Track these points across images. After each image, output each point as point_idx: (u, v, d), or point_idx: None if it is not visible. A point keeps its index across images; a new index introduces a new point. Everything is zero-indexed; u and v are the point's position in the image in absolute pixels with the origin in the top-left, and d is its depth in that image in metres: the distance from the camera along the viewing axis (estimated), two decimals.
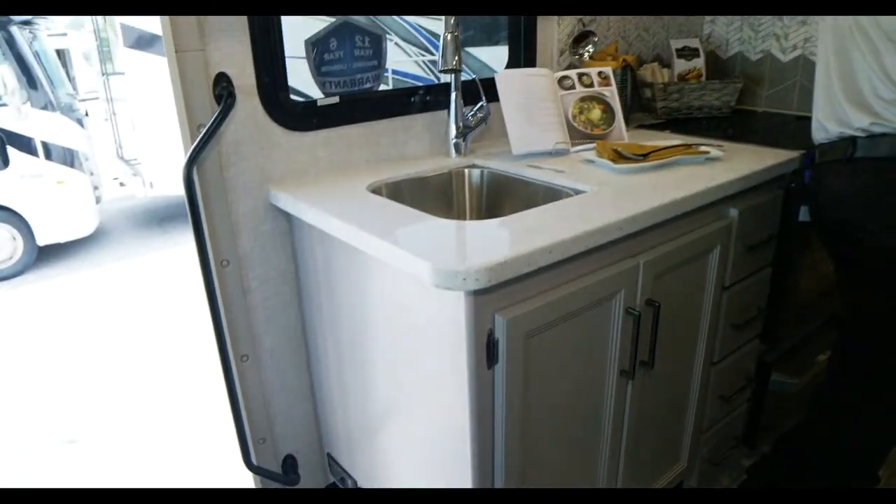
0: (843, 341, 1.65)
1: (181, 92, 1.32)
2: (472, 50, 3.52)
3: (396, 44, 5.51)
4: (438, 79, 1.99)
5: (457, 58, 1.51)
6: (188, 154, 1.30)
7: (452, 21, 1.49)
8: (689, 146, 1.62)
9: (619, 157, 1.52)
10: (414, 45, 4.50)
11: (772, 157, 1.65)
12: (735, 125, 2.09)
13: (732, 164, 1.57)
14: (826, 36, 1.51)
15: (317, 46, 1.75)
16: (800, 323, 2.00)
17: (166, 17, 1.27)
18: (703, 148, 1.63)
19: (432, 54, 5.91)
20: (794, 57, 2.25)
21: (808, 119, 1.64)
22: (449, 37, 1.50)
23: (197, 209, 1.37)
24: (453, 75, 1.63)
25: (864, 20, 1.39)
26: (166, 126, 4.68)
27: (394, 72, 5.50)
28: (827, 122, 1.53)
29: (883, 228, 1.41)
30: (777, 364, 1.94)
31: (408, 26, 4.53)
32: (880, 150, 1.41)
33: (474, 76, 1.73)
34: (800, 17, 2.21)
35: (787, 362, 1.96)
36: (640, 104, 2.24)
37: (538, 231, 1.12)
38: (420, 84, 1.73)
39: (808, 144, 1.64)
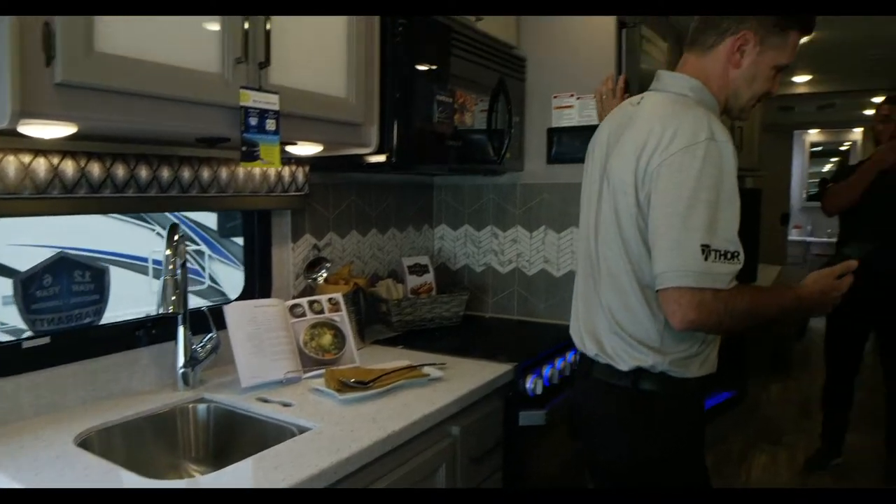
0: None
1: None
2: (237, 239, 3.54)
3: (158, 233, 5.41)
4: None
5: (174, 298, 1.51)
6: None
7: (172, 266, 1.51)
8: (412, 368, 1.74)
9: (344, 386, 1.58)
10: None
11: (490, 371, 1.83)
12: (463, 334, 2.30)
13: (452, 384, 1.70)
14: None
15: (29, 284, 1.65)
16: None
17: None
18: (425, 369, 1.76)
19: (197, 244, 5.86)
20: (511, 269, 2.60)
21: (528, 323, 1.87)
22: (169, 280, 1.51)
23: None
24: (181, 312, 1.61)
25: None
26: None
27: (154, 261, 5.34)
28: None
29: None
30: None
31: (172, 217, 4.49)
32: None
33: (203, 307, 1.74)
34: (511, 237, 2.59)
35: None
36: (379, 318, 2.39)
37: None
38: (146, 317, 1.69)
39: (524, 354, 1.86)
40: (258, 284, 2.02)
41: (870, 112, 6.64)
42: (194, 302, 1.93)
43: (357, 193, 2.37)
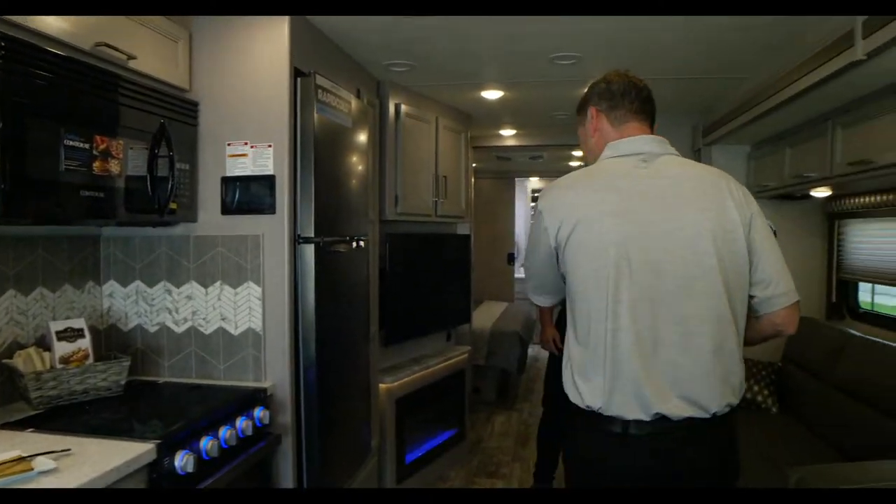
0: None
1: None
2: None
3: None
4: None
5: None
6: None
7: None
8: (19, 461, 1.46)
9: None
10: None
11: (124, 452, 1.60)
12: (121, 406, 2.03)
13: (66, 475, 1.45)
14: None
15: None
16: None
17: None
18: (36, 461, 1.49)
19: None
20: (187, 328, 2.38)
21: (205, 387, 1.67)
22: None
23: None
24: None
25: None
26: None
27: None
28: None
29: None
30: None
31: None
32: None
33: None
34: (186, 293, 2.38)
35: None
36: (20, 394, 2.02)
37: None
38: None
39: (177, 427, 1.66)
40: None
41: (574, 164, 7.55)
42: None
43: None
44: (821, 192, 3.21)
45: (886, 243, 3.23)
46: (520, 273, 8.98)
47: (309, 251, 2.36)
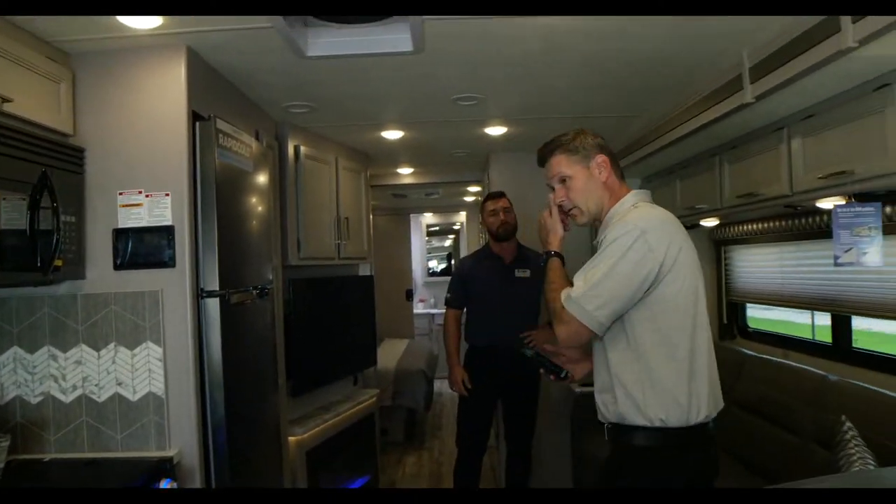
0: None
1: None
2: None
3: None
4: None
5: None
6: None
7: None
8: None
9: None
10: None
11: None
12: None
13: None
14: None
15: None
16: None
17: None
18: None
19: None
20: (77, 397, 2.15)
21: (99, 461, 1.47)
22: None
23: None
24: None
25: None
26: None
27: None
28: None
29: None
30: None
31: None
32: None
33: None
34: (75, 358, 2.15)
35: None
36: None
37: None
38: None
39: None
40: None
41: (469, 199, 7.69)
42: None
43: None
44: (710, 222, 3.41)
45: (765, 267, 3.49)
46: (419, 309, 8.95)
47: (213, 306, 2.21)
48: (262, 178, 2.71)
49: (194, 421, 2.13)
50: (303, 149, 3.48)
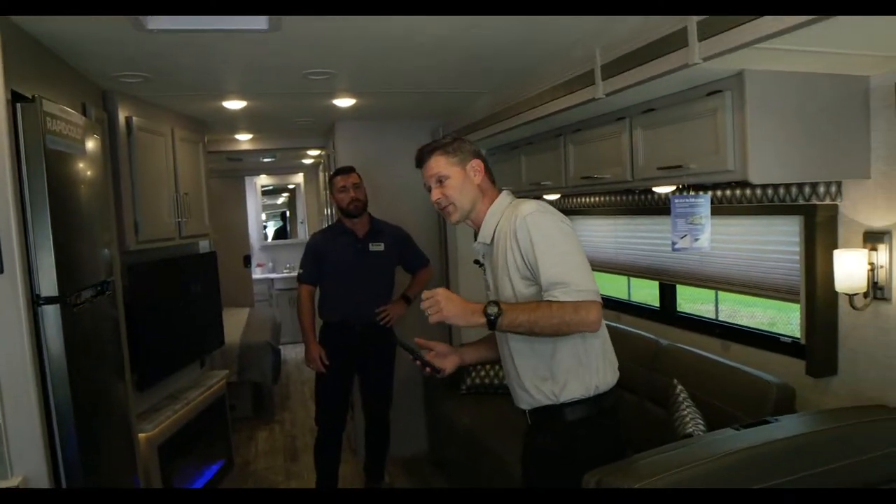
0: None
1: None
2: None
3: None
4: None
5: None
6: None
7: None
8: None
9: None
10: None
11: None
12: None
13: None
14: None
15: None
16: None
17: None
18: None
19: None
20: None
21: None
22: None
23: None
24: None
25: None
26: None
27: None
28: None
29: None
30: None
31: None
32: None
33: None
34: None
35: None
36: None
37: None
38: None
39: None
40: None
41: (307, 161, 7.46)
42: None
43: None
44: (553, 196, 3.63)
45: (603, 238, 3.80)
46: (257, 274, 8.62)
47: (53, 313, 1.98)
48: (94, 161, 2.43)
49: (41, 445, 1.91)
50: (135, 120, 3.15)
